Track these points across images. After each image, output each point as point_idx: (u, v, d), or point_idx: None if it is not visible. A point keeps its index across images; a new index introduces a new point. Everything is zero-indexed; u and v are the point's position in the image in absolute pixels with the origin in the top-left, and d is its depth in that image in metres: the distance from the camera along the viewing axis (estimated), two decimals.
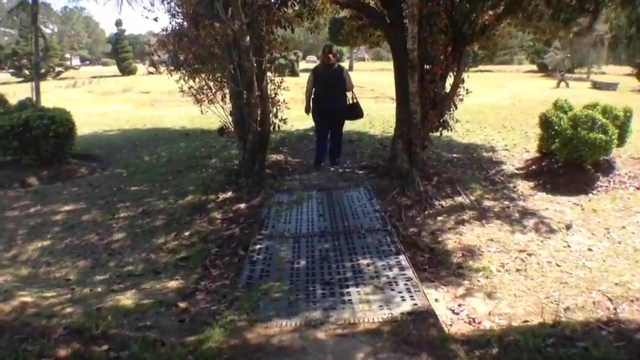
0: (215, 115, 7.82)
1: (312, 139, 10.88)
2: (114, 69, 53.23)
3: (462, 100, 7.92)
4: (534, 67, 48.68)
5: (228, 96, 7.68)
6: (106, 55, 77.41)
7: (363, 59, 69.56)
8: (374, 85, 24.87)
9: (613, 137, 7.92)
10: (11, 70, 46.13)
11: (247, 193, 7.13)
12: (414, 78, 6.80)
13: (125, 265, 5.56)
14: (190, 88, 7.43)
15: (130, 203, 7.23)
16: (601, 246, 5.80)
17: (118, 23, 53.37)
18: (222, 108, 7.52)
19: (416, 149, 7.45)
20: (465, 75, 7.70)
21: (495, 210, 6.82)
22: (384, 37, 8.96)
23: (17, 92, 17.17)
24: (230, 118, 7.73)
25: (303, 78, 32.17)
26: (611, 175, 8.23)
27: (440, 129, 7.82)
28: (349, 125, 11.41)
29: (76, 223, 6.73)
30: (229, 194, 7.13)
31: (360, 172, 8.29)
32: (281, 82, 8.00)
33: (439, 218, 6.50)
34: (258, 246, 5.33)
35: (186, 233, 6.14)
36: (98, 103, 21.34)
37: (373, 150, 9.82)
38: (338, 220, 6.09)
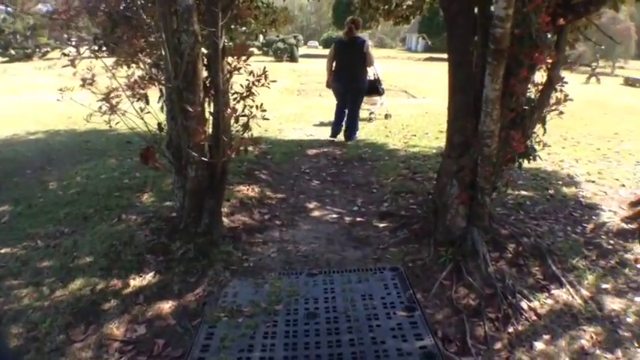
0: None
1: (304, 154, 7.71)
2: None
3: (556, 110, 4.59)
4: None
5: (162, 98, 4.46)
6: None
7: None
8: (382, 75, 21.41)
9: None
10: None
11: (182, 275, 3.95)
12: (498, 73, 3.59)
13: None
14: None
15: None
16: None
17: None
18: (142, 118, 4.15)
19: (483, 197, 4.28)
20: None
21: (629, 322, 3.70)
22: (424, 3, 5.75)
23: None
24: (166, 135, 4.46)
25: (303, 64, 29.30)
26: None
27: (519, 160, 4.55)
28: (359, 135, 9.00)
29: None
30: (150, 277, 3.93)
31: (381, 224, 5.10)
32: (262, 75, 4.47)
33: (538, 347, 3.37)
34: None
35: None
36: (59, 89, 17.73)
37: (397, 179, 6.55)
38: None
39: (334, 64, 8.31)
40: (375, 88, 9.74)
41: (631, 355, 3.34)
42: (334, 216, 5.30)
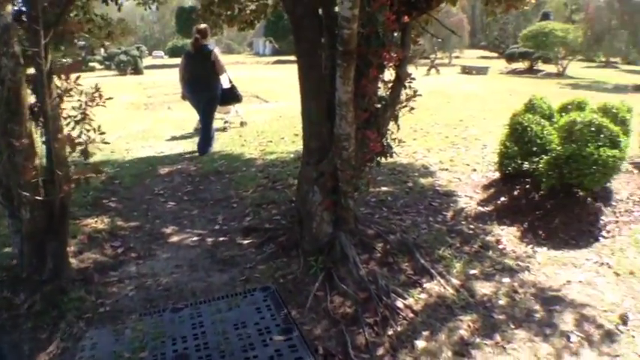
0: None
1: (156, 174, 7.19)
2: None
3: (406, 107, 4.62)
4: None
5: None
6: None
7: None
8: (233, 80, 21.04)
9: (626, 150, 5.29)
10: None
11: (31, 332, 3.39)
12: (349, 75, 3.48)
13: None
14: None
15: None
16: None
17: None
18: None
19: (347, 200, 4.19)
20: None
21: (501, 304, 3.82)
22: (267, 7, 5.57)
23: None
24: None
25: (149, 76, 28.00)
26: (612, 203, 5.63)
27: (377, 158, 4.52)
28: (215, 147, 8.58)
29: None
30: None
31: (246, 241, 4.82)
32: (94, 93, 3.96)
33: (419, 345, 3.33)
34: None
35: None
36: None
37: (257, 189, 6.29)
38: None
39: (185, 75, 8.15)
40: (232, 96, 9.49)
41: (509, 337, 3.41)
42: (195, 239, 4.92)
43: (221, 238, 4.93)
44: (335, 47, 3.50)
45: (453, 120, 10.87)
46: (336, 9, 3.55)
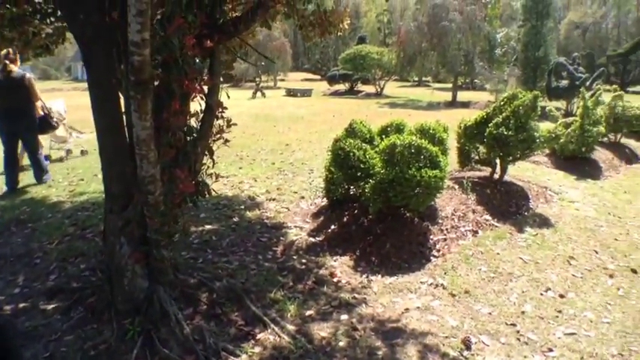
0: None
1: None
2: None
3: (220, 139, 4.17)
4: None
5: None
6: None
7: None
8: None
9: (446, 169, 5.38)
10: None
11: None
12: (145, 108, 2.97)
13: None
14: None
15: None
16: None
17: None
18: None
19: (159, 251, 3.65)
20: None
21: (342, 346, 3.57)
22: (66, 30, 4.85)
23: None
24: None
25: None
26: (439, 221, 5.73)
27: (192, 199, 4.02)
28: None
29: None
30: None
31: (50, 306, 4.01)
32: None
33: None
34: None
35: None
36: None
37: (64, 240, 5.40)
38: None
39: None
40: (46, 125, 8.71)
41: None
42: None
43: (22, 304, 4.07)
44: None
45: (279, 144, 10.73)
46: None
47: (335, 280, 4.52)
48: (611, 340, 3.81)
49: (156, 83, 3.19)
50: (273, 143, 10.90)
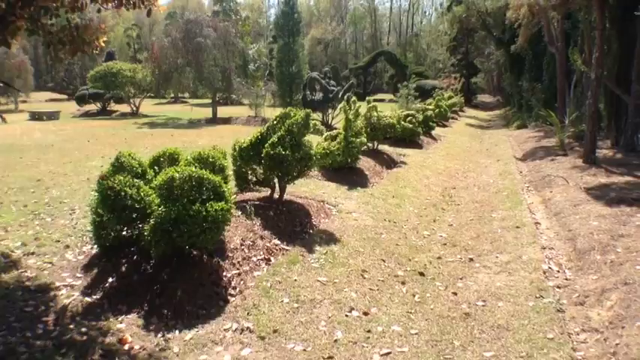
0: None
1: None
2: None
3: None
4: None
5: None
6: None
7: None
8: None
9: (230, 198, 5.07)
10: None
11: None
12: None
13: None
14: None
15: None
16: None
17: None
18: None
19: None
20: None
21: None
22: None
23: None
24: None
25: None
26: (229, 254, 5.40)
27: None
28: None
29: None
30: None
31: None
32: None
33: None
34: None
35: None
36: None
37: None
38: None
39: None
40: None
41: None
42: None
43: None
44: None
45: (29, 180, 9.24)
46: None
47: (127, 347, 3.87)
48: (426, 351, 3.89)
49: None
50: (22, 179, 9.35)
